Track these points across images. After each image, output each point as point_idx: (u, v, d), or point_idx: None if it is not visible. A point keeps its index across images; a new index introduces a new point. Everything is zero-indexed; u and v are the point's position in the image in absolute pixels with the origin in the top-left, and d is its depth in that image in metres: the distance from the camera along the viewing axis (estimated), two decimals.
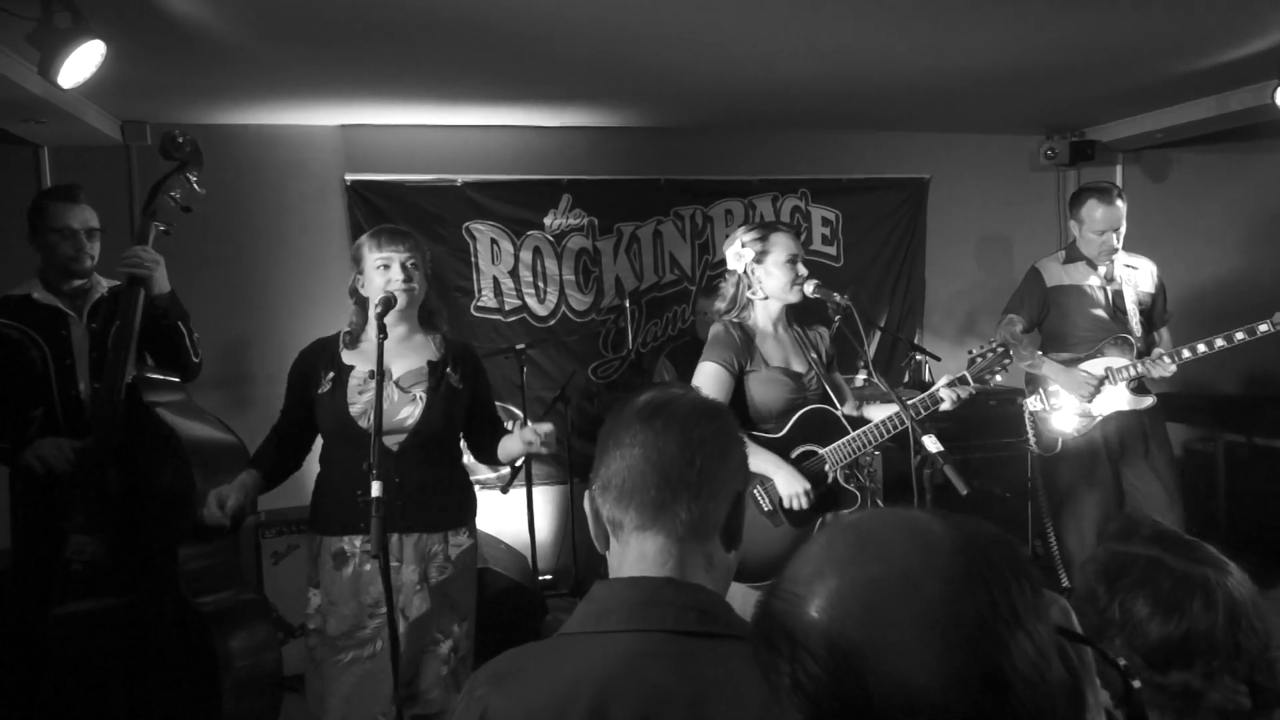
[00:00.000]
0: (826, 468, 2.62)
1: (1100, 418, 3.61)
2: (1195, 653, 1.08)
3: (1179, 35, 3.49)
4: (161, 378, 2.73)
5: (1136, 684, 0.65)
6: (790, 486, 2.54)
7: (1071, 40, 3.48)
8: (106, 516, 2.48)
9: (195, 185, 2.78)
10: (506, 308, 4.71)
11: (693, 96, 4.20)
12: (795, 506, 2.54)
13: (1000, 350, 2.70)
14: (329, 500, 2.47)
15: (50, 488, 2.51)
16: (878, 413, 2.65)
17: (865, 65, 3.75)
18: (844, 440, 2.60)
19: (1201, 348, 3.38)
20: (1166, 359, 3.45)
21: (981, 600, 0.57)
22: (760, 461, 2.55)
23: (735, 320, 2.69)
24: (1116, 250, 3.64)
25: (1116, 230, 3.61)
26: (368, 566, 2.39)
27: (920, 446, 2.21)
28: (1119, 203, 3.61)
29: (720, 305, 2.73)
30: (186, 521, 2.49)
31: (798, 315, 2.79)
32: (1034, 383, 3.72)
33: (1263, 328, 3.28)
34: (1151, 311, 3.73)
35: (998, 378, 2.75)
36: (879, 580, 0.60)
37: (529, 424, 2.48)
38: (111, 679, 2.45)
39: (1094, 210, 3.60)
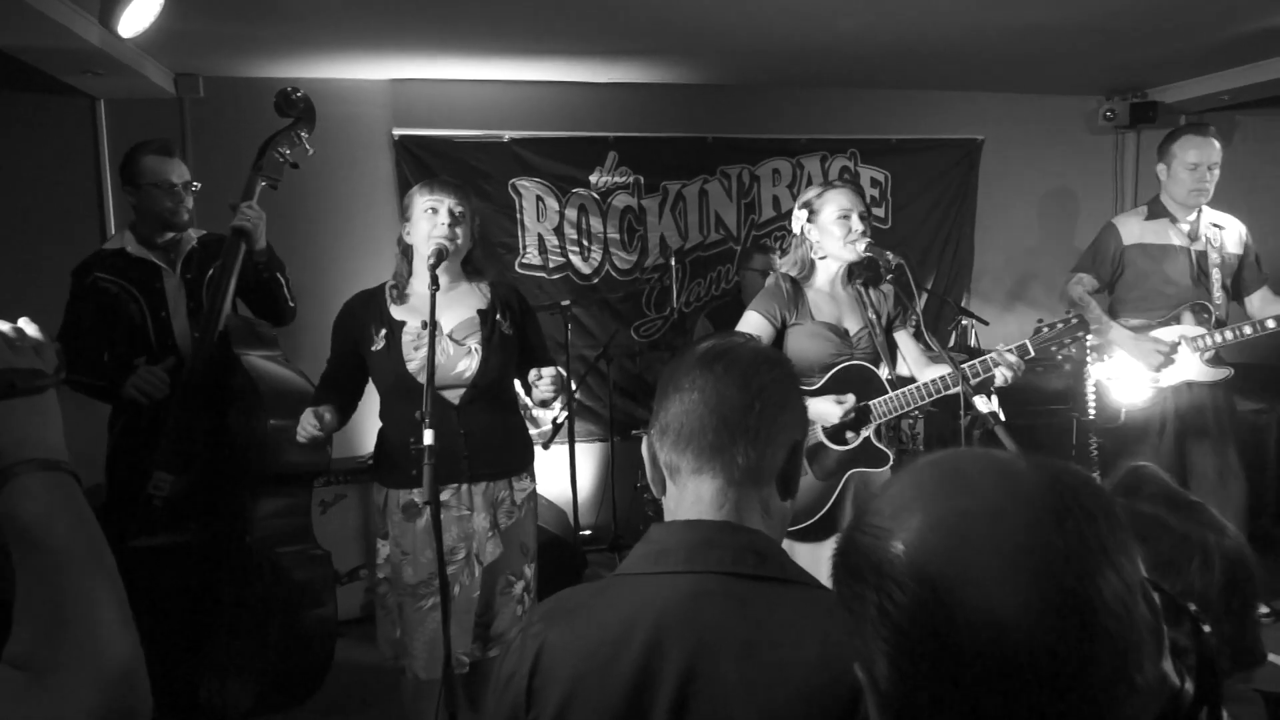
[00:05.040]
0: (867, 422, 2.56)
1: (1168, 389, 3.41)
2: (1186, 613, 1.10)
3: None
4: (254, 330, 2.78)
5: (1207, 629, 0.65)
6: (825, 407, 2.47)
7: None
8: (189, 457, 2.59)
9: (305, 143, 2.82)
10: (551, 265, 4.72)
11: (742, 53, 4.14)
12: (840, 420, 2.46)
13: (1074, 323, 2.46)
14: (392, 454, 2.50)
15: (149, 429, 2.60)
16: (928, 374, 2.59)
17: (919, 21, 3.66)
18: (886, 397, 2.56)
19: None
20: None
21: (1070, 534, 0.58)
22: None
23: (791, 274, 2.66)
24: (1208, 192, 3.39)
25: (1210, 168, 3.36)
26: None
27: (970, 406, 2.17)
28: (1215, 141, 3.36)
29: (786, 267, 2.71)
30: (258, 469, 2.56)
31: (865, 275, 2.69)
32: (1099, 350, 3.54)
33: None
34: (1240, 275, 3.47)
35: (1068, 350, 2.46)
36: (967, 513, 0.60)
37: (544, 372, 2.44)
38: (177, 613, 2.54)
39: (1186, 146, 3.36)
